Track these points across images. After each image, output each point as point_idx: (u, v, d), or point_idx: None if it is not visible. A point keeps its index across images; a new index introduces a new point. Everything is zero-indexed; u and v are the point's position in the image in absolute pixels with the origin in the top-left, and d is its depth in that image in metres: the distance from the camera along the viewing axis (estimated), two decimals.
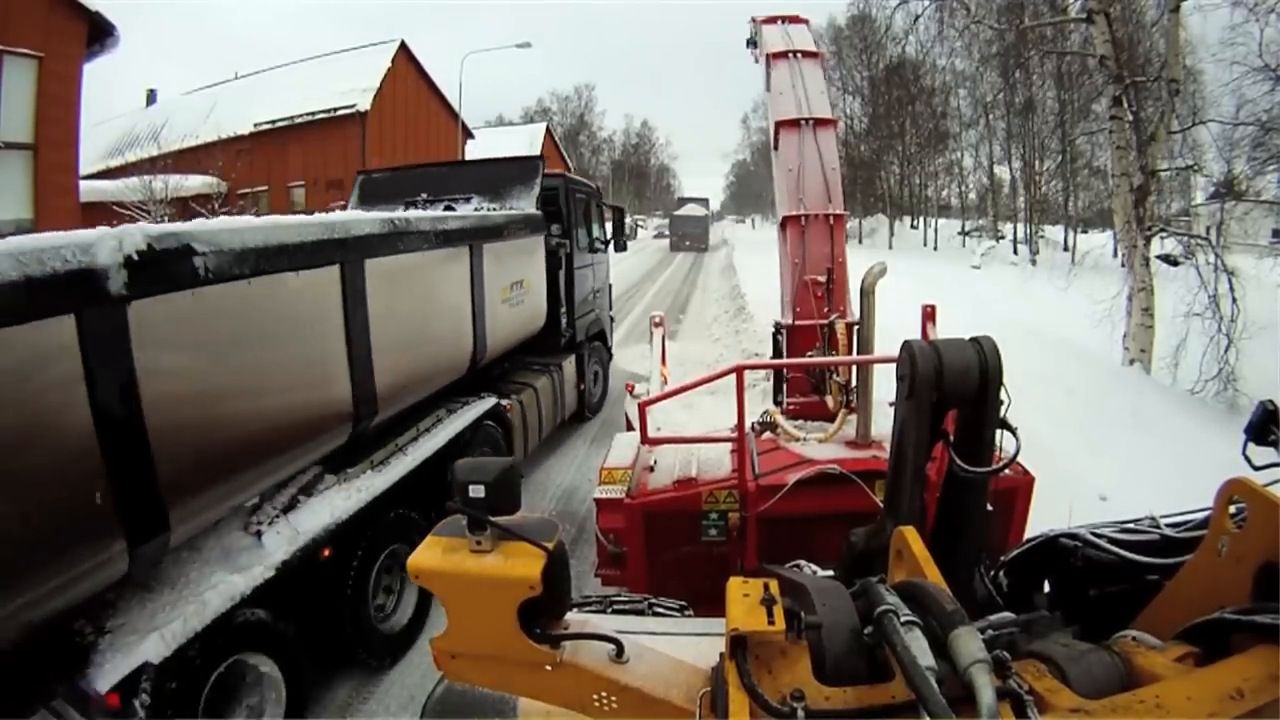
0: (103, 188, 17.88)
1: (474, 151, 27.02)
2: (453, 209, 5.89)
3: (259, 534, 3.31)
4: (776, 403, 4.39)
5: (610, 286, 9.48)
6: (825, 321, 4.66)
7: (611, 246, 9.03)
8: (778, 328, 4.77)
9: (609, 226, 8.86)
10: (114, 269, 2.53)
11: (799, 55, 6.12)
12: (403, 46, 25.58)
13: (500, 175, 6.93)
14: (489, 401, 5.37)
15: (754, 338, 10.87)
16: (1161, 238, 9.59)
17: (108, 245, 2.52)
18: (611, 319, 9.50)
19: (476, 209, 6.07)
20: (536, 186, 6.67)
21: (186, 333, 2.85)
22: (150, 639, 2.67)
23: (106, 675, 2.57)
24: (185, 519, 2.86)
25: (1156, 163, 9.52)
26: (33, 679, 2.60)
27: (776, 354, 5.12)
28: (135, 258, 2.60)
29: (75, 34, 13.64)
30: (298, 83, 24.77)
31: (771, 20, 6.98)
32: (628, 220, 9.02)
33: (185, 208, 17.91)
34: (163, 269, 2.73)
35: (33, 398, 2.28)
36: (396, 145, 24.50)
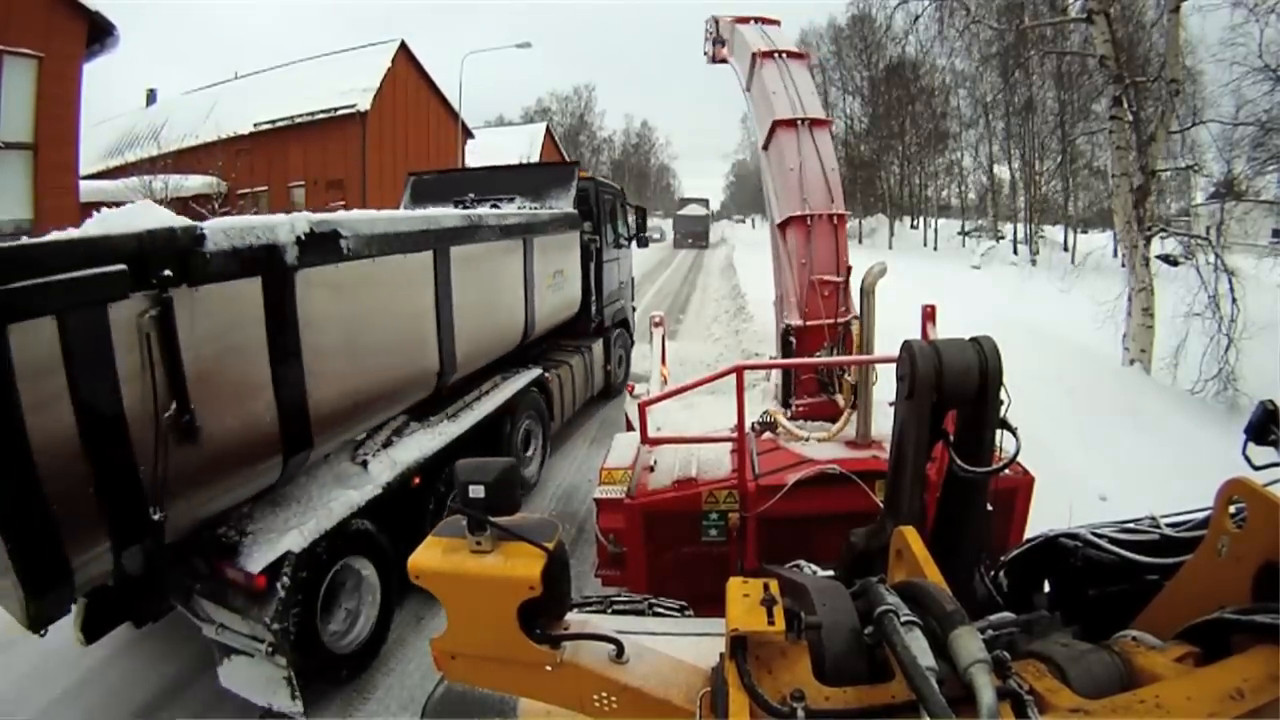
0: (102, 187, 17.73)
1: (474, 151, 26.95)
2: (498, 208, 6.48)
3: (365, 463, 4.08)
4: (786, 404, 4.38)
5: (632, 279, 10.19)
6: (836, 321, 4.68)
7: (634, 243, 9.80)
8: (789, 329, 4.74)
9: (632, 224, 9.61)
10: (289, 245, 3.29)
11: (784, 55, 6.02)
12: (403, 46, 25.44)
13: (540, 178, 7.69)
14: (535, 371, 6.25)
15: (754, 338, 10.86)
16: (1162, 238, 9.56)
17: (285, 227, 3.30)
18: (634, 309, 10.16)
19: (520, 208, 6.71)
20: (573, 189, 7.40)
21: (331, 296, 3.62)
22: (290, 534, 3.32)
23: (256, 561, 3.18)
24: (322, 441, 3.67)
25: (1156, 163, 9.47)
26: (176, 578, 3.24)
27: (788, 356, 5.10)
28: (303, 237, 3.35)
29: (75, 34, 13.58)
30: (297, 82, 24.65)
31: (744, 20, 6.88)
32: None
33: (185, 208, 17.82)
34: (320, 247, 3.51)
35: (233, 338, 3.08)
36: (397, 145, 24.38)
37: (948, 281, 16.14)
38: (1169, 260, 10.75)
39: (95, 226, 2.75)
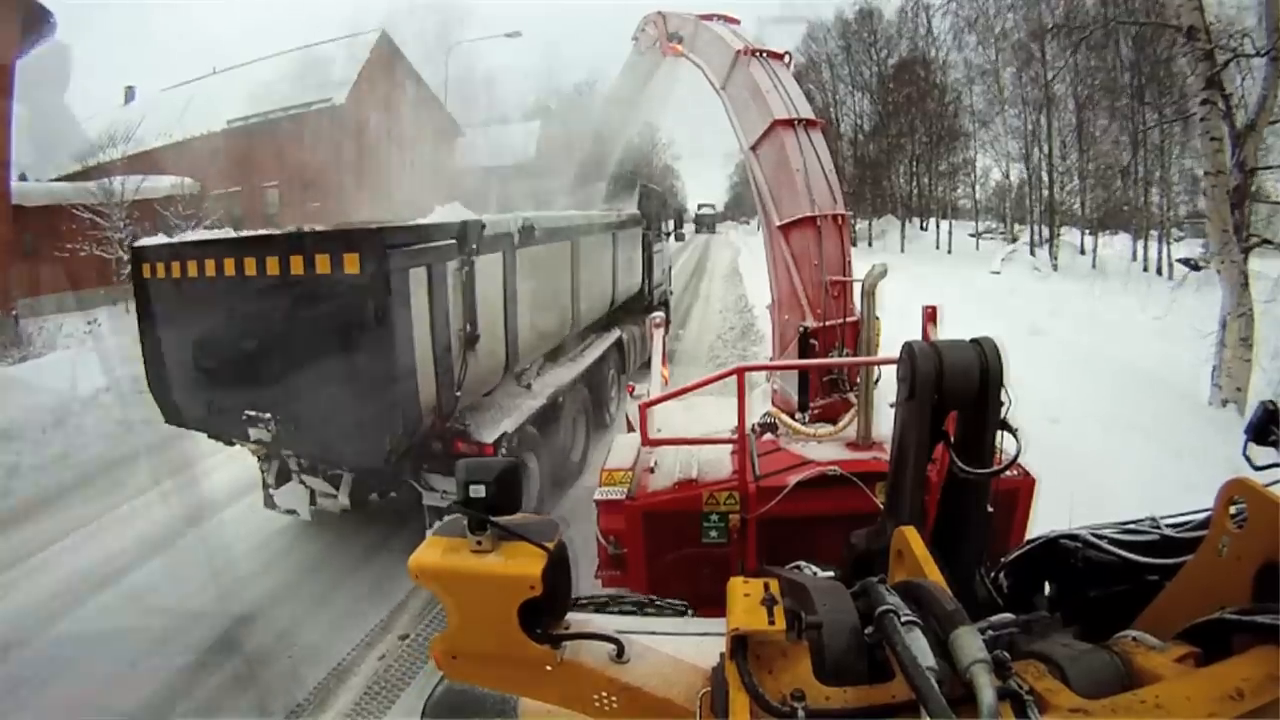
0: (53, 189, 16.66)
1: (468, 150, 26.25)
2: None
3: (529, 386, 6.07)
4: (804, 409, 4.36)
5: (670, 268, 12.93)
6: (846, 320, 4.69)
7: (671, 238, 12.65)
8: (808, 332, 4.75)
9: (671, 223, 12.48)
10: (515, 234, 5.37)
11: (766, 55, 5.91)
12: (384, 37, 24.12)
13: (611, 186, 10.18)
14: (617, 333, 8.78)
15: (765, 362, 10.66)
16: (1261, 250, 7.94)
17: (514, 222, 5.39)
18: (671, 293, 13.00)
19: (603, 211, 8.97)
20: (636, 194, 10.07)
21: (528, 267, 5.61)
22: (504, 422, 5.20)
23: (487, 436, 4.97)
24: (520, 361, 5.66)
25: (1255, 159, 7.81)
26: (411, 461, 4.71)
27: (806, 358, 5.06)
28: (521, 228, 5.42)
29: (5, 26, 12.46)
30: (274, 78, 23.11)
31: (707, 17, 6.74)
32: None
33: (152, 211, 16.56)
34: (527, 235, 5.54)
35: (492, 288, 5.07)
36: (379, 142, 22.97)
37: (969, 288, 15.36)
38: (1191, 265, 10.20)
39: (438, 217, 4.89)
